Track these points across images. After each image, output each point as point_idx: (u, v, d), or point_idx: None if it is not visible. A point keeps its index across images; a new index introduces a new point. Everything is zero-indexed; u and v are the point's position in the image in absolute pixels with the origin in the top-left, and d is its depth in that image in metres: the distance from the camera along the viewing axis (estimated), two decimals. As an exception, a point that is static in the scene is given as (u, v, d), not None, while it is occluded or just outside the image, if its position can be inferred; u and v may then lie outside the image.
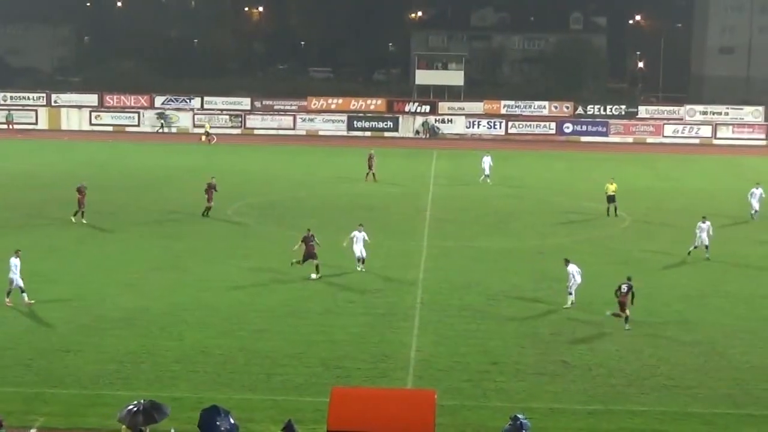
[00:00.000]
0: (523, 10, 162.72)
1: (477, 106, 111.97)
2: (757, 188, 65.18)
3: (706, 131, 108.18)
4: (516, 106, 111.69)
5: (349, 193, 72.24)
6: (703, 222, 53.36)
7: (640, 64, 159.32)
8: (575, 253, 54.18)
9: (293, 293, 45.28)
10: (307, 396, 32.09)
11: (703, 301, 45.62)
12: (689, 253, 53.14)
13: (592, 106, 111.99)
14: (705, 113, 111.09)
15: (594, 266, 50.98)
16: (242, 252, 53.30)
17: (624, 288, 41.30)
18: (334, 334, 39.42)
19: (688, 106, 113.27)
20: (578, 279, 43.53)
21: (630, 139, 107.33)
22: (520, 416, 26.71)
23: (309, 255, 47.43)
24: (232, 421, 26.48)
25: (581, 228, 61.75)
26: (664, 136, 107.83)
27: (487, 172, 77.07)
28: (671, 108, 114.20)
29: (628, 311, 40.98)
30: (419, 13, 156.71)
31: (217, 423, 26.42)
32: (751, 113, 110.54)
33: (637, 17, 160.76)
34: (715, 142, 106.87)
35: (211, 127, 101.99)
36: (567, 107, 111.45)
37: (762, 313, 43.54)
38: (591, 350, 38.29)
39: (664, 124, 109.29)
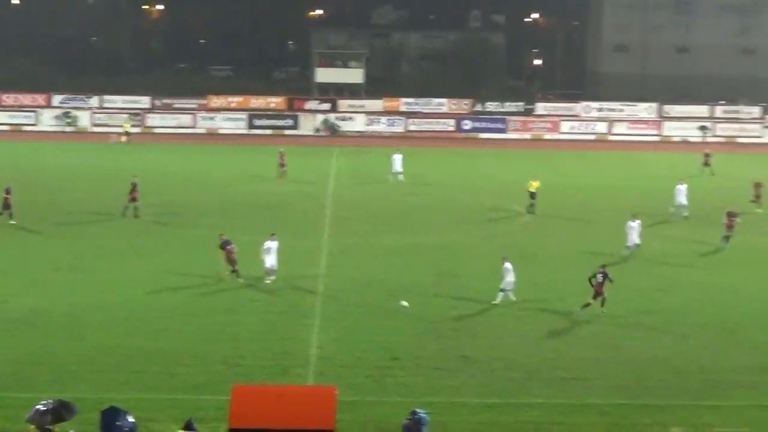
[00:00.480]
0: (422, 8, 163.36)
1: (377, 104, 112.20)
2: (681, 185, 65.37)
3: (602, 127, 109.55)
4: (415, 104, 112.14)
5: (250, 192, 71.92)
6: (633, 221, 53.72)
7: (538, 62, 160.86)
8: (475, 248, 55.02)
9: (195, 292, 45.12)
10: (208, 394, 32.06)
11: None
12: (626, 253, 52.97)
13: (490, 103, 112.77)
14: (601, 110, 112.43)
15: (493, 261, 51.48)
16: (144, 251, 52.95)
17: (599, 277, 42.36)
18: (236, 333, 39.41)
19: (585, 103, 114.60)
20: (510, 278, 43.78)
21: (528, 136, 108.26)
22: (419, 411, 26.94)
23: (231, 260, 47.10)
24: (131, 420, 26.35)
25: (481, 224, 62.19)
26: (561, 133, 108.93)
27: (399, 169, 77.02)
28: (568, 105, 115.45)
29: (604, 295, 42.27)
30: (319, 11, 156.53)
31: (118, 423, 26.26)
32: (645, 110, 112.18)
33: (535, 15, 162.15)
34: (611, 138, 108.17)
35: (132, 126, 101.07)
36: (466, 104, 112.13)
37: (659, 306, 44.27)
38: (490, 344, 38.72)
39: (561, 120, 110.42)
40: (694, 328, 41.34)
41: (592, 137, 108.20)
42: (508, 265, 43.99)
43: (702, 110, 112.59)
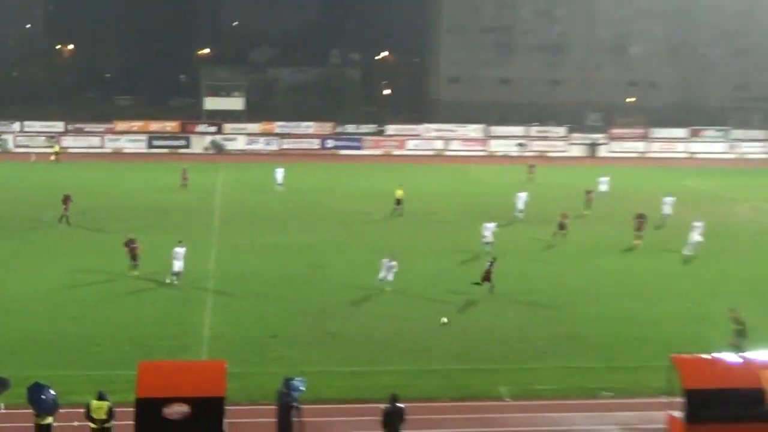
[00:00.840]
0: (291, 47, 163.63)
1: (256, 127, 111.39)
2: (521, 192, 65.66)
3: (440, 145, 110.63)
4: (287, 126, 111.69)
5: (152, 200, 70.87)
6: (489, 222, 53.65)
7: (387, 91, 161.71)
8: (339, 245, 55.02)
9: (105, 285, 44.38)
10: (119, 370, 31.56)
11: (435, 279, 46.67)
12: (486, 248, 52.41)
13: (348, 125, 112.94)
14: (438, 130, 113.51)
15: (352, 255, 51.87)
16: (60, 252, 51.82)
17: (488, 266, 43.69)
18: (140, 318, 38.93)
19: (426, 125, 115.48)
20: (388, 275, 43.67)
21: (380, 152, 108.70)
22: (291, 378, 26.97)
23: (133, 256, 46.40)
24: (53, 393, 26.09)
25: (343, 225, 62.26)
26: (407, 149, 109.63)
27: (280, 181, 76.90)
28: (412, 126, 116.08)
29: (491, 282, 43.10)
30: (206, 50, 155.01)
31: (42, 396, 25.91)
32: (474, 130, 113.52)
33: (384, 53, 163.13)
34: (447, 153, 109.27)
35: (60, 148, 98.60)
36: (328, 127, 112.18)
37: (496, 288, 44.78)
38: (351, 322, 38.89)
39: (407, 139, 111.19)
40: (518, 305, 42.04)
41: (432, 153, 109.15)
42: (386, 260, 43.98)
43: (519, 130, 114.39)
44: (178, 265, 44.37)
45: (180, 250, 44.61)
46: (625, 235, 57.23)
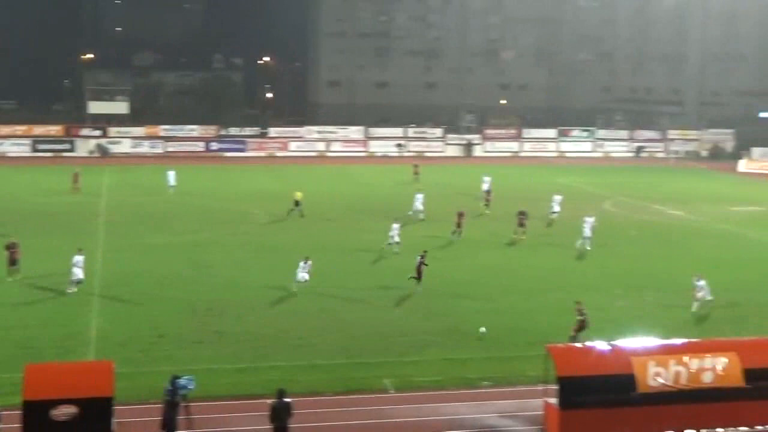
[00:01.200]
0: (175, 52, 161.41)
1: (140, 130, 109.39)
2: (419, 194, 64.97)
3: (321, 146, 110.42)
4: (172, 130, 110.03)
5: (38, 203, 68.98)
6: (395, 222, 53.28)
7: (270, 95, 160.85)
8: (224, 244, 54.33)
9: (-11, 288, 42.94)
10: (5, 373, 30.50)
11: (321, 276, 46.40)
12: (388, 248, 51.97)
13: (232, 128, 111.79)
14: (320, 132, 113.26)
15: (238, 254, 51.30)
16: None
17: (418, 260, 43.70)
18: (26, 321, 37.74)
19: (307, 127, 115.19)
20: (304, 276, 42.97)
21: (263, 154, 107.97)
22: (178, 376, 26.44)
23: (12, 260, 44.87)
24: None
25: (227, 225, 61.56)
26: (289, 151, 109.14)
27: (173, 183, 75.46)
28: (294, 129, 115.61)
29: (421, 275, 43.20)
30: (90, 55, 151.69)
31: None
32: (354, 132, 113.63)
33: (266, 58, 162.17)
34: (329, 154, 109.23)
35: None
36: (213, 130, 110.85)
37: (381, 284, 44.83)
38: (238, 321, 38.42)
39: (290, 141, 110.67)
40: (401, 301, 42.11)
41: (314, 154, 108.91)
42: (302, 262, 43.15)
43: (398, 132, 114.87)
44: (78, 273, 42.35)
45: (79, 258, 42.68)
46: (507, 232, 57.92)
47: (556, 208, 63.98)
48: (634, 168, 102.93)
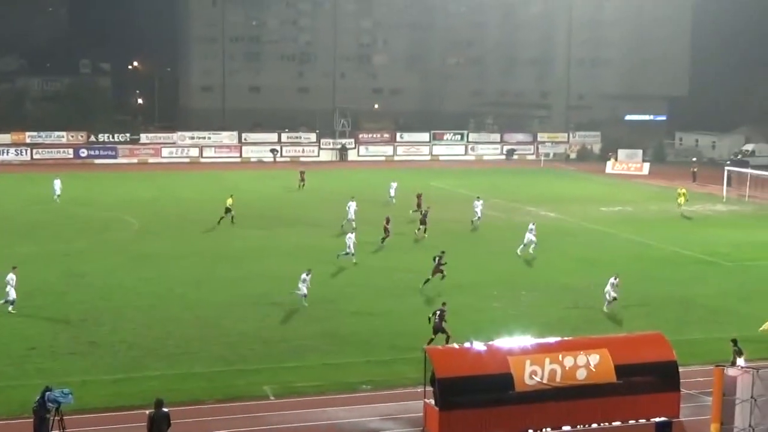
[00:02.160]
0: (40, 57, 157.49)
1: (5, 138, 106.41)
2: (351, 201, 63.92)
3: (194, 152, 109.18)
4: (39, 136, 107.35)
5: None
6: (351, 234, 52.47)
7: (140, 100, 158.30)
8: (96, 252, 53.28)
9: None
10: None
11: (197, 284, 46.07)
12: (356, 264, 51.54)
13: (102, 134, 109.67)
14: (193, 138, 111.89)
15: (112, 262, 50.42)
16: None
17: (436, 261, 45.22)
18: None
19: (180, 133, 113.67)
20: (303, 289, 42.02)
21: (135, 160, 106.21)
22: (49, 389, 25.80)
23: None
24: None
25: (100, 233, 60.43)
26: (162, 157, 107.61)
27: (58, 192, 73.34)
28: (167, 134, 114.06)
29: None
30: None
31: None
32: (227, 137, 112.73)
33: (135, 63, 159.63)
34: (202, 160, 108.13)
35: None
36: (82, 136, 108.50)
37: (244, 291, 44.61)
38: (113, 330, 37.76)
39: (162, 147, 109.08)
40: (276, 306, 41.92)
41: (187, 160, 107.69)
42: (304, 274, 42.15)
43: (272, 137, 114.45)
44: (12, 294, 40.13)
45: (13, 276, 40.47)
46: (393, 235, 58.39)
47: (478, 213, 64.92)
48: (506, 170, 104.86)
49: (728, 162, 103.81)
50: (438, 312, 35.86)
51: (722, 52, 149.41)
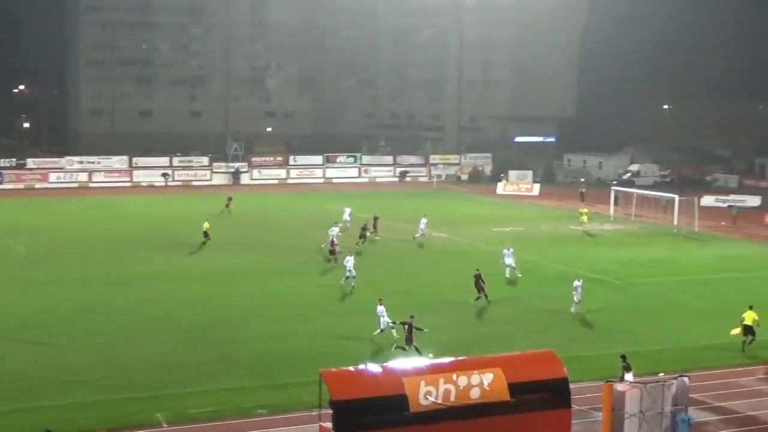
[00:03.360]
0: None
1: None
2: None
3: (83, 177, 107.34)
4: None
5: None
6: (349, 255, 52.20)
7: (27, 124, 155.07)
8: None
9: None
10: None
11: (93, 311, 45.21)
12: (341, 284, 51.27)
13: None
14: (82, 162, 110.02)
15: (3, 292, 49.37)
16: None
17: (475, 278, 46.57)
18: None
19: (68, 157, 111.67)
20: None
21: (21, 186, 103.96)
22: None
23: None
24: None
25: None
26: (49, 182, 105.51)
27: None
28: (54, 159, 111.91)
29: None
30: None
31: None
32: (118, 161, 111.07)
33: (22, 86, 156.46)
34: (91, 185, 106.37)
35: None
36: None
37: (140, 316, 43.98)
38: (4, 359, 36.79)
39: (50, 172, 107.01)
40: (167, 332, 41.46)
41: (76, 185, 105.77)
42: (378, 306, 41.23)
43: (164, 161, 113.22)
44: None
45: None
46: (275, 258, 58.18)
47: (423, 229, 67.48)
48: (399, 192, 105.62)
49: (615, 182, 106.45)
50: (406, 326, 37.53)
51: (609, 76, 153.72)
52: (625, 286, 53.66)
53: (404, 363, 29.59)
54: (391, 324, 39.62)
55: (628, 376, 31.55)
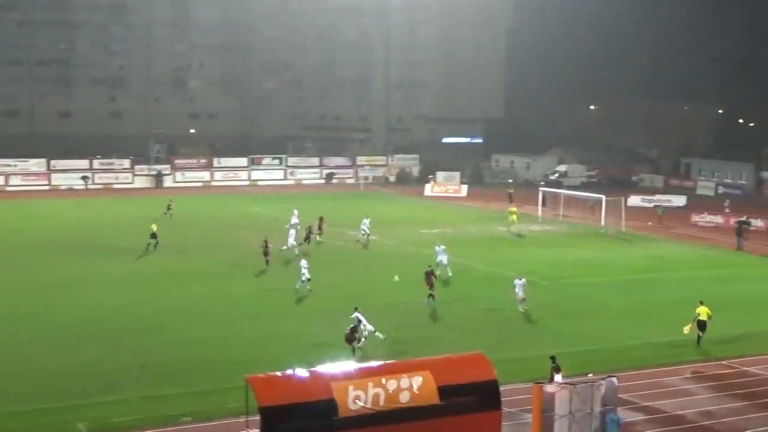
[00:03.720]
0: None
1: None
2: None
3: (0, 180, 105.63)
4: None
5: None
6: (303, 259, 52.08)
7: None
8: None
9: None
10: None
11: (8, 320, 44.30)
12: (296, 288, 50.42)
13: None
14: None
15: None
16: None
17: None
18: None
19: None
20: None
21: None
22: None
23: None
24: None
25: None
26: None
27: None
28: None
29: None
30: None
31: None
32: (35, 164, 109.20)
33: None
34: (8, 189, 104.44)
35: None
36: None
37: (58, 324, 43.23)
38: None
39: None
40: (89, 338, 40.79)
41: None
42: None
43: (84, 163, 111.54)
44: None
45: None
46: (202, 264, 57.68)
47: (366, 231, 68.81)
48: (326, 195, 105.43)
49: (542, 183, 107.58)
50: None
51: (535, 76, 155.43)
52: (555, 287, 54.18)
53: (332, 367, 29.45)
54: (373, 330, 39.46)
55: (558, 378, 31.79)
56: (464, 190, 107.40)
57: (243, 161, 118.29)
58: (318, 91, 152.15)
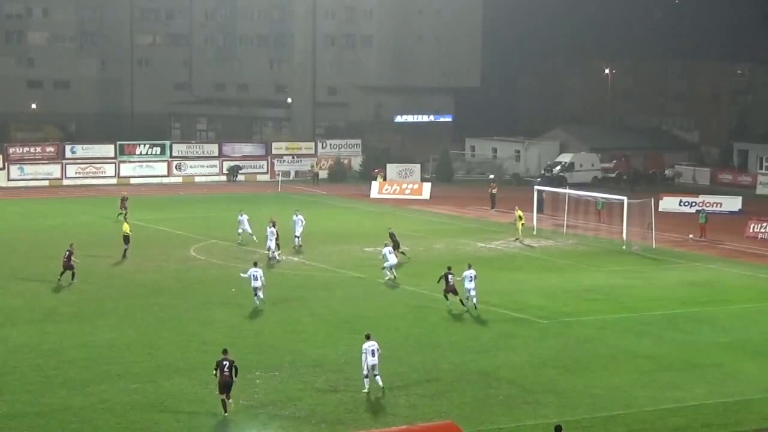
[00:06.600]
0: None
1: None
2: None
3: None
4: None
5: None
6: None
7: None
8: None
9: None
10: None
11: None
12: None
13: None
14: None
15: None
16: None
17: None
18: None
19: None
20: None
21: None
22: None
23: None
24: None
25: None
26: None
27: None
28: None
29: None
30: None
31: None
32: None
33: None
34: None
35: None
36: None
37: None
38: None
39: None
40: None
41: None
42: None
43: None
44: None
45: None
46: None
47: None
48: (227, 197, 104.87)
49: (538, 179, 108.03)
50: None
51: (527, 29, 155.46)
52: (556, 327, 54.24)
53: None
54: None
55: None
56: (426, 189, 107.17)
57: (108, 150, 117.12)
58: (214, 51, 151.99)
